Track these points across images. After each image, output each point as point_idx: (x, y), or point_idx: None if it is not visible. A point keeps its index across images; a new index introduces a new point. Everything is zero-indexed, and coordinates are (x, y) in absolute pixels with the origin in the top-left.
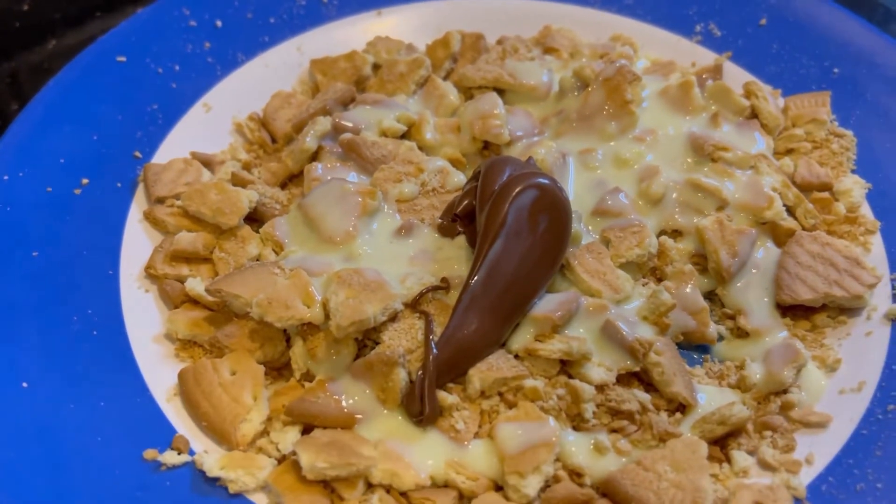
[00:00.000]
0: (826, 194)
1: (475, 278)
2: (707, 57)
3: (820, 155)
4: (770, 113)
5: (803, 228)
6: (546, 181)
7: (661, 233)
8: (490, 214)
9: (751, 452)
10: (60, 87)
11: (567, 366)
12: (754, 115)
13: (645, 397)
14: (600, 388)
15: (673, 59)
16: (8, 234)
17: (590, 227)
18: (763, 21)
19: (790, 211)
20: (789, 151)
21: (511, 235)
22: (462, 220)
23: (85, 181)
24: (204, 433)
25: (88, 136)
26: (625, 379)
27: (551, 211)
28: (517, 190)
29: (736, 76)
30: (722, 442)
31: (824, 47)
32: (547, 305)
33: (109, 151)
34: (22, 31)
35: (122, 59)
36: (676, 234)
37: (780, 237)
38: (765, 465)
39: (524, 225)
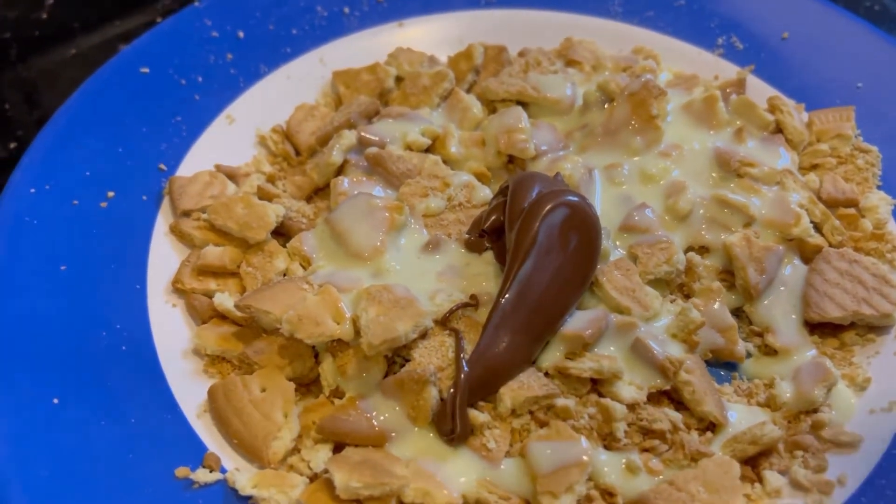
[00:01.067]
0: (852, 210)
1: (506, 296)
2: (729, 70)
3: (845, 171)
4: (795, 128)
5: (830, 245)
6: (576, 199)
7: (689, 249)
8: (520, 232)
9: (782, 472)
10: (84, 99)
11: (598, 384)
12: (779, 129)
13: (676, 416)
14: (631, 406)
15: (696, 73)
16: (36, 248)
17: (617, 243)
18: (785, 35)
19: (817, 227)
20: (814, 167)
21: (542, 254)
22: (490, 235)
23: (111, 194)
24: (234, 450)
25: (114, 148)
26: (654, 397)
27: (581, 229)
28: (547, 208)
29: (758, 90)
30: (753, 461)
31: (847, 61)
32: (577, 323)
33: (135, 164)
34: (41, 40)
35: (146, 70)
36: (703, 250)
37: (808, 254)
38: (797, 486)
39: (555, 243)
